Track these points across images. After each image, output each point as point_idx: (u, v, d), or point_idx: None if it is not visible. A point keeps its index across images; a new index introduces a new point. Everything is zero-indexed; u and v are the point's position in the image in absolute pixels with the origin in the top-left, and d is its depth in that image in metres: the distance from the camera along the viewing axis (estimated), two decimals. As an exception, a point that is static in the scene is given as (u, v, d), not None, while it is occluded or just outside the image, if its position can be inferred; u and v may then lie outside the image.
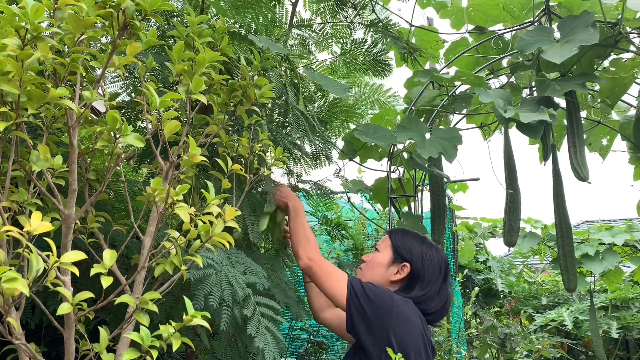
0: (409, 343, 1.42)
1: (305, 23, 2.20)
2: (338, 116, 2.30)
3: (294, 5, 2.11)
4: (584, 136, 2.38)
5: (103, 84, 1.22)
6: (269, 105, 1.74)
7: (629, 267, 4.95)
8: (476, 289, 4.92)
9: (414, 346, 1.43)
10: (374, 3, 2.34)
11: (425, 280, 1.57)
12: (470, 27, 2.73)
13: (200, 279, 1.26)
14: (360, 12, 2.27)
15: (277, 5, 1.98)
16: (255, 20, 1.85)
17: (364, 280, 1.55)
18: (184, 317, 0.98)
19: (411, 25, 2.68)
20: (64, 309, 0.91)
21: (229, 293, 1.27)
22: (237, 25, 1.85)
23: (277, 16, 1.98)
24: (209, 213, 1.12)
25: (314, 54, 2.29)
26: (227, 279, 1.30)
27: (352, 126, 2.53)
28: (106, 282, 0.95)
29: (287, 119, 1.82)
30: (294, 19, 2.14)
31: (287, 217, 1.79)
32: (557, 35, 2.09)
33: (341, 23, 2.25)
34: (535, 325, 5.34)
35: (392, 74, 2.43)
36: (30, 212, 1.04)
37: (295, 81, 1.74)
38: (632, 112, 2.52)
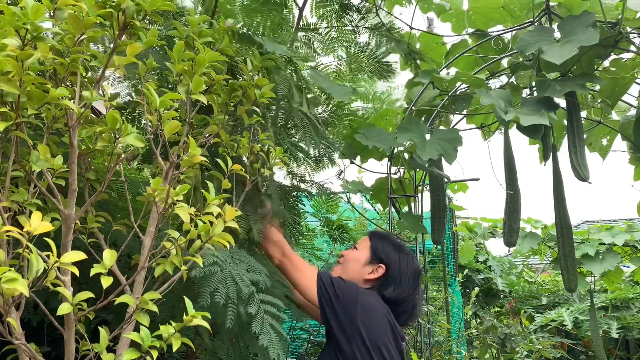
0: (377, 333, 1.51)
1: (311, 27, 2.22)
2: (342, 119, 2.31)
3: (301, 9, 2.13)
4: (584, 136, 2.38)
5: (104, 84, 1.22)
6: (273, 107, 1.74)
7: (629, 267, 4.94)
8: (476, 289, 4.91)
9: (381, 335, 1.52)
10: (377, 8, 2.35)
11: (399, 283, 1.66)
12: (471, 30, 2.74)
13: (205, 277, 1.26)
14: (365, 15, 2.28)
15: (285, 10, 2.00)
16: (263, 23, 1.86)
17: (340, 273, 1.67)
18: (184, 317, 0.98)
19: (411, 28, 2.68)
20: (64, 309, 0.91)
21: (234, 290, 1.28)
22: (245, 29, 1.86)
23: (284, 20, 2.00)
24: (209, 213, 1.12)
25: (319, 57, 2.30)
26: (232, 276, 1.31)
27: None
28: (106, 282, 0.95)
29: (290, 121, 1.82)
30: (301, 23, 2.16)
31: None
32: (557, 35, 2.09)
33: (346, 27, 2.27)
34: (536, 325, 5.34)
35: (397, 76, 2.44)
36: (31, 212, 1.04)
37: (299, 84, 1.74)
38: (632, 112, 2.51)
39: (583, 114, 2.50)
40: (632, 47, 2.19)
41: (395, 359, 1.53)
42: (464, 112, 2.70)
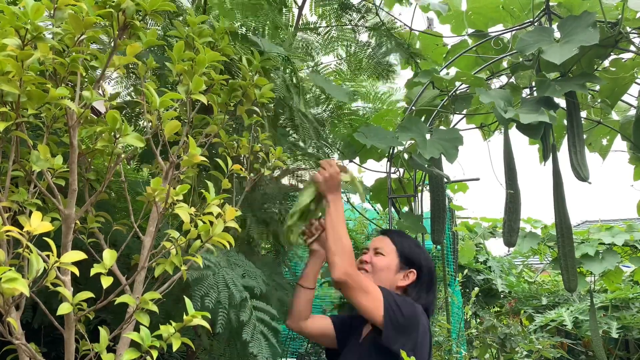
0: (424, 354, 1.50)
1: (311, 26, 2.22)
2: (342, 119, 2.30)
3: (300, 9, 2.13)
4: (584, 136, 2.38)
5: (104, 83, 1.22)
6: (272, 107, 1.74)
7: (629, 267, 4.94)
8: (476, 289, 4.91)
9: (426, 356, 1.52)
10: (377, 7, 2.35)
11: (431, 286, 1.65)
12: (471, 30, 2.73)
13: (197, 280, 1.26)
14: (365, 15, 2.28)
15: (284, 9, 2.00)
16: (261, 22, 1.86)
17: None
18: (184, 317, 0.98)
19: (411, 29, 2.68)
20: (64, 309, 0.91)
21: (225, 295, 1.27)
22: (244, 28, 1.86)
23: (284, 19, 2.00)
24: (209, 213, 1.12)
25: (319, 57, 2.29)
26: (225, 281, 1.30)
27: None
28: (106, 282, 0.95)
29: (289, 121, 1.82)
30: (300, 22, 2.16)
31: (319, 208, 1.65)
32: (557, 35, 2.09)
33: (346, 27, 2.27)
34: (535, 325, 5.34)
35: (398, 78, 2.44)
36: (31, 212, 1.04)
37: (297, 84, 1.74)
38: (632, 112, 2.51)
39: (583, 114, 2.50)
40: (632, 47, 2.19)
41: None
42: (464, 112, 2.70)
